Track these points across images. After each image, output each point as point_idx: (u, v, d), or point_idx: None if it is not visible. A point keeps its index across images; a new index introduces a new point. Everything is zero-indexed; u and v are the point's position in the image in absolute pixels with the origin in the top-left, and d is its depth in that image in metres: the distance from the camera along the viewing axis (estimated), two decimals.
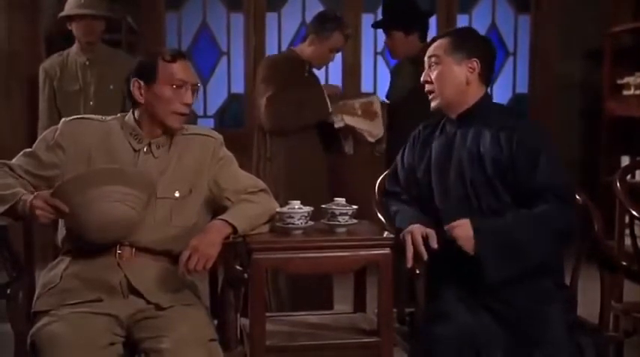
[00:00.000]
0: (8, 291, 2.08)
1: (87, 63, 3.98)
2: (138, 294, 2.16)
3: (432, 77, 2.36)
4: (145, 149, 2.27)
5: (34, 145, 2.30)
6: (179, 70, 2.25)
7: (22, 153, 2.29)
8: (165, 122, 2.26)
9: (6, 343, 2.28)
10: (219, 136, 2.39)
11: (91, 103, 3.93)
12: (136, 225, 2.16)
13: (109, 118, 2.35)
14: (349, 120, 3.39)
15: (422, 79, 2.39)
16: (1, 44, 4.40)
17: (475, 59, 2.34)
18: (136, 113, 2.30)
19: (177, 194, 2.26)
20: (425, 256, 2.23)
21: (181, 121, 2.28)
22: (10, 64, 4.44)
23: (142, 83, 2.24)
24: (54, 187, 2.09)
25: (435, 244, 2.24)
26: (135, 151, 2.27)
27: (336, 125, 3.40)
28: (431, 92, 2.38)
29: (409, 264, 2.24)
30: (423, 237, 2.25)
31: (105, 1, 4.09)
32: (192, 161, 2.30)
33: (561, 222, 2.21)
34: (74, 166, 2.21)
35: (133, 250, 2.22)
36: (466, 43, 2.35)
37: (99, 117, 2.35)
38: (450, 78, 2.34)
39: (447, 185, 2.35)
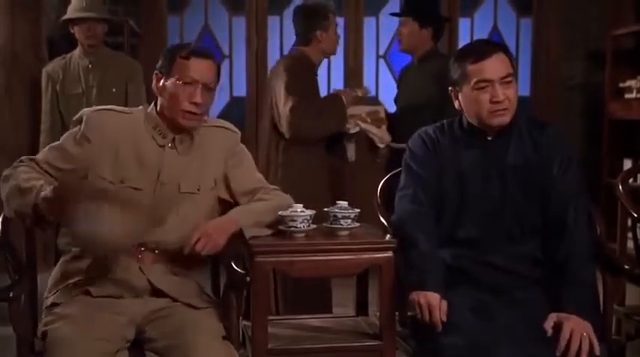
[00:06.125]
0: (11, 294, 2.08)
1: (89, 66, 3.98)
2: (158, 295, 2.18)
3: (509, 95, 2.27)
4: (169, 145, 2.24)
5: (62, 139, 2.24)
6: (192, 67, 2.19)
7: (48, 147, 2.25)
8: (176, 120, 2.22)
9: (8, 345, 2.28)
10: (238, 132, 2.39)
11: (94, 106, 3.93)
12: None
13: (133, 109, 2.31)
14: (362, 125, 3.44)
15: (497, 98, 2.25)
16: (4, 46, 4.41)
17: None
18: (158, 107, 2.26)
19: (199, 189, 2.25)
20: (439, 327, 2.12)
21: (193, 120, 2.22)
22: (13, 65, 4.44)
23: (160, 76, 2.23)
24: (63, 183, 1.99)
25: (442, 319, 2.12)
26: (160, 146, 2.24)
27: (352, 130, 3.44)
28: (504, 110, 2.28)
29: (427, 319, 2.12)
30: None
31: (107, 4, 4.10)
32: (215, 155, 2.29)
33: (590, 239, 2.27)
34: (101, 158, 2.18)
35: (155, 252, 2.22)
36: (512, 59, 2.35)
37: (124, 109, 2.31)
38: (517, 95, 2.32)
39: (485, 195, 2.30)
